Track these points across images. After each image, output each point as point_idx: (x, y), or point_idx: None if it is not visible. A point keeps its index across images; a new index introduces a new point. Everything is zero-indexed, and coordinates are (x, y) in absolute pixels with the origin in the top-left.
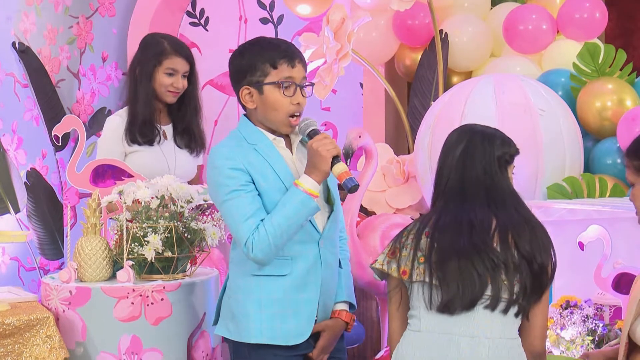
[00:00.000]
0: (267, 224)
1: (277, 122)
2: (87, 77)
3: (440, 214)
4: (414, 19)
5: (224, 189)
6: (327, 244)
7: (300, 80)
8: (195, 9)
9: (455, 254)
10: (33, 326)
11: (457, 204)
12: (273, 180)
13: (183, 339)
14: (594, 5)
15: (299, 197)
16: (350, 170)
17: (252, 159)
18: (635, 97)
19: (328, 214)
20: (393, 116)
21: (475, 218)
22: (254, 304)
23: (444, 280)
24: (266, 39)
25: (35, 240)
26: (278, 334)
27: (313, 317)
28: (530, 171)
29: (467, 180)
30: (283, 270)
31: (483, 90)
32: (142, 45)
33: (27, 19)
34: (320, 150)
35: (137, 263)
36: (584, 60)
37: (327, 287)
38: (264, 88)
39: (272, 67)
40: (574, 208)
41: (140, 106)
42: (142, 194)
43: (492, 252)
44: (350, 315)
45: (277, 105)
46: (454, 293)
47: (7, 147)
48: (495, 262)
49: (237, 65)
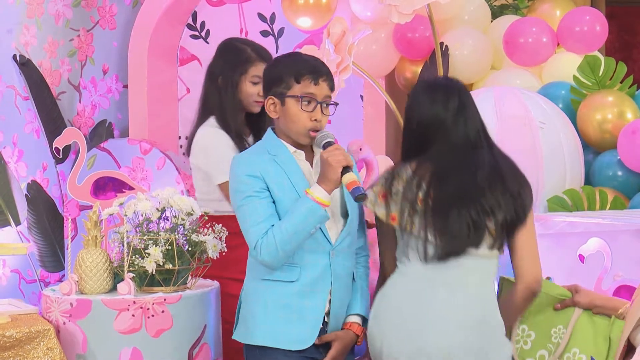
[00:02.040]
0: (275, 228)
1: (296, 134)
2: (87, 90)
3: (438, 164)
4: (414, 31)
5: (240, 194)
6: (339, 256)
7: (322, 97)
8: (196, 22)
9: (456, 201)
10: (34, 338)
11: (454, 154)
12: (288, 190)
13: (184, 351)
14: (594, 19)
15: (308, 204)
16: (359, 180)
17: (270, 169)
18: (636, 110)
19: (342, 226)
20: (394, 129)
21: (475, 165)
22: (262, 307)
23: (441, 230)
24: (300, 54)
25: (36, 253)
26: (282, 338)
27: (318, 325)
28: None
29: (468, 132)
30: (291, 276)
31: (483, 103)
32: (222, 52)
33: (28, 31)
34: (330, 160)
35: (137, 275)
36: (584, 73)
37: (338, 298)
38: (286, 100)
39: (296, 81)
40: (574, 221)
41: (230, 117)
42: (142, 206)
43: (486, 196)
44: (361, 328)
45: (296, 118)
46: (447, 242)
47: (7, 159)
48: (486, 208)
49: (267, 75)
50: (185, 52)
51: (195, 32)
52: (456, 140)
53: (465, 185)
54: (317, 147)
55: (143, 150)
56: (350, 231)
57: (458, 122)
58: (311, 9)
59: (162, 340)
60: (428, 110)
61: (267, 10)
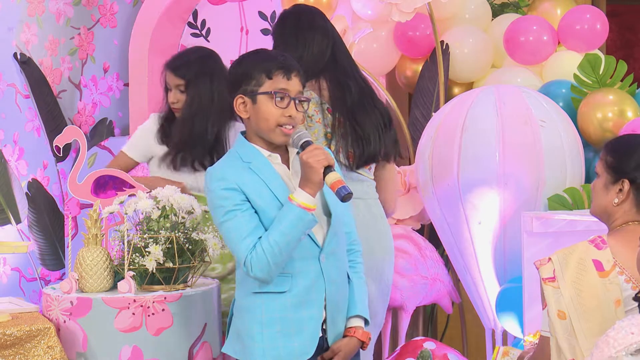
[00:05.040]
0: (264, 242)
1: (268, 132)
2: (88, 88)
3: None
4: (415, 30)
5: (220, 210)
6: (329, 259)
7: (296, 93)
8: (196, 20)
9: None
10: (34, 337)
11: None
12: (268, 198)
13: (184, 349)
14: (595, 17)
15: (294, 212)
16: (343, 179)
17: (246, 178)
18: (636, 108)
19: (327, 227)
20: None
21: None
22: (257, 324)
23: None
24: (266, 50)
25: (37, 251)
26: (281, 354)
27: (317, 334)
28: (531, 182)
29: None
30: (282, 287)
31: (484, 102)
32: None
33: (29, 30)
34: (311, 161)
35: (138, 274)
36: (584, 72)
37: (334, 303)
38: (258, 98)
39: (267, 77)
40: (574, 219)
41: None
42: (143, 205)
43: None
44: (366, 333)
45: (269, 115)
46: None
47: (8, 157)
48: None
49: (233, 73)
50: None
51: (196, 31)
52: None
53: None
54: (294, 147)
55: None
56: (336, 230)
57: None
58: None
59: (163, 339)
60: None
61: (268, 9)
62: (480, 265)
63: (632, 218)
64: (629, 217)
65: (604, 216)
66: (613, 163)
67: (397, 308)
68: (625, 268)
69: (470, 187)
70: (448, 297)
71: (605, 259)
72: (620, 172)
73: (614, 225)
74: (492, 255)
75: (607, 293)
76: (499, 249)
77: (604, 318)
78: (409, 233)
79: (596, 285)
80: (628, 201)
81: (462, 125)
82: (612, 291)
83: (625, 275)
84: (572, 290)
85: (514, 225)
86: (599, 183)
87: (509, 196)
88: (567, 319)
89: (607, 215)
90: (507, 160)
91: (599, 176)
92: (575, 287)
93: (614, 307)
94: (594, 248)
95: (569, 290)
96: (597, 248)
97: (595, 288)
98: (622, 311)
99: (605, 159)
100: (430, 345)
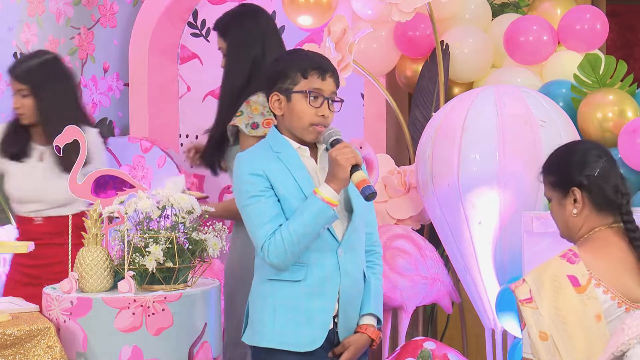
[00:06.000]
0: (283, 230)
1: (301, 130)
2: (88, 88)
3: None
4: (415, 30)
5: (244, 194)
6: (347, 254)
7: (329, 94)
8: (196, 20)
9: None
10: (34, 336)
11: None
12: (292, 188)
13: (184, 349)
14: (595, 17)
15: (317, 205)
16: (368, 179)
17: (274, 166)
18: (636, 108)
19: (348, 222)
20: (394, 127)
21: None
22: (269, 310)
23: None
24: (304, 50)
25: None
26: (290, 340)
27: (327, 326)
28: (531, 182)
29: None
30: (297, 275)
31: (484, 102)
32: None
33: (29, 29)
34: (339, 159)
35: (138, 273)
36: (584, 72)
37: (348, 297)
38: (292, 96)
39: (303, 77)
40: None
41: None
42: (143, 205)
43: None
44: (377, 332)
45: (302, 114)
46: None
47: None
48: None
49: (270, 71)
50: (186, 50)
51: (196, 31)
52: None
53: None
54: (324, 144)
55: (144, 148)
56: (356, 227)
57: None
58: (312, 7)
59: (163, 339)
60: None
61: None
62: (480, 265)
63: (596, 223)
64: (592, 223)
65: (572, 231)
66: (556, 180)
67: (397, 308)
68: (601, 279)
69: (470, 187)
70: (448, 297)
71: (580, 273)
72: (565, 184)
73: (580, 235)
74: (492, 255)
75: (586, 309)
76: (499, 249)
77: (587, 334)
78: (409, 233)
79: (574, 302)
80: (586, 207)
81: (462, 125)
82: (591, 306)
83: (602, 286)
84: (550, 310)
85: (514, 225)
86: (553, 205)
87: (509, 196)
88: (550, 339)
89: (572, 229)
90: (507, 160)
91: (550, 200)
92: (553, 305)
93: (595, 321)
94: (567, 263)
95: (547, 310)
96: (570, 262)
97: (573, 304)
98: (604, 325)
99: (548, 181)
100: (430, 345)
